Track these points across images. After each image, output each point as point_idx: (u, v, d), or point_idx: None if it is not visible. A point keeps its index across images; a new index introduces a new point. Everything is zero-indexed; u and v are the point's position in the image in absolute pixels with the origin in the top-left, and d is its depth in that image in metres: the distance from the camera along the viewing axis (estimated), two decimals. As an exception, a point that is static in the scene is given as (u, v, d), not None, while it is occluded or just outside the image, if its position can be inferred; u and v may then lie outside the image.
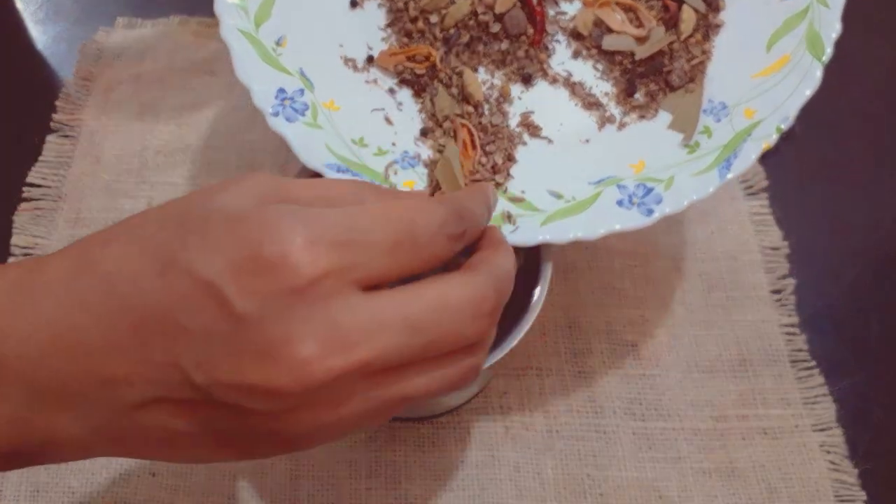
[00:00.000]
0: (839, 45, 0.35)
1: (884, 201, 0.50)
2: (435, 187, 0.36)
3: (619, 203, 0.34)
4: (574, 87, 0.39)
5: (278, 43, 0.37)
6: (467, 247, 0.27)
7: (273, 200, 0.24)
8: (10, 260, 0.47)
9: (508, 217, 0.35)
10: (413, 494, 0.40)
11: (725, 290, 0.46)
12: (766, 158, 0.51)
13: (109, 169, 0.50)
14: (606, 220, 0.33)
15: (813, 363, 0.44)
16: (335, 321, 0.22)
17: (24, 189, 0.49)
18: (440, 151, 0.37)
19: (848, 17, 0.35)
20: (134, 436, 0.24)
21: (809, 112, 0.52)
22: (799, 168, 0.51)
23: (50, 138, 0.51)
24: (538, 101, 0.39)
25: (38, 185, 0.50)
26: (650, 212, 0.33)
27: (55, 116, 0.52)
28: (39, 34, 0.58)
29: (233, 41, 0.36)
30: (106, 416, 0.24)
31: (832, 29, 0.35)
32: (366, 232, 0.23)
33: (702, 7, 0.39)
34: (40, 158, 0.51)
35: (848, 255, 0.48)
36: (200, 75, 0.55)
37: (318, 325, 0.22)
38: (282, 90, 0.36)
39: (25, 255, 0.47)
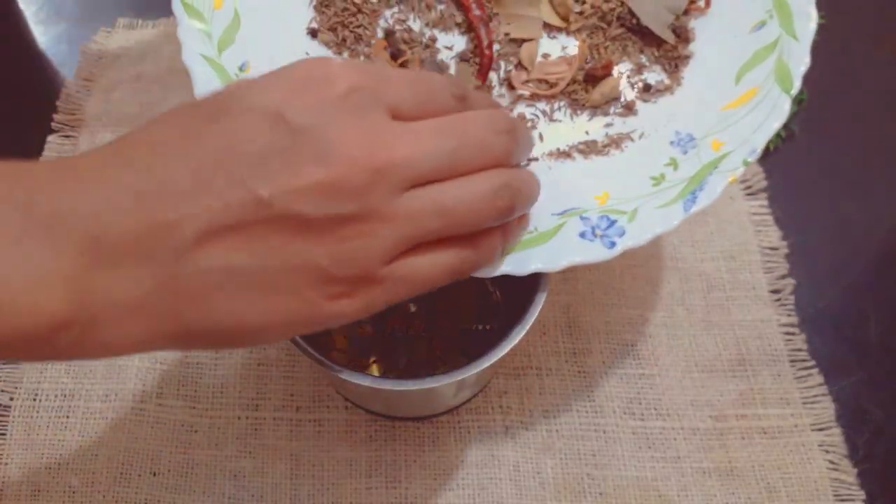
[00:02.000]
0: (838, 45, 0.35)
1: (883, 201, 0.50)
2: None
3: (582, 235, 0.33)
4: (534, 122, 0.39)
5: (241, 69, 0.36)
6: None
7: None
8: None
9: None
10: (413, 494, 0.40)
11: (725, 290, 0.46)
12: (765, 159, 0.51)
13: (110, 169, 0.50)
14: (568, 252, 0.32)
15: (812, 363, 0.44)
16: (376, 128, 0.26)
17: (25, 189, 0.49)
18: None
19: (847, 18, 0.35)
20: (192, 282, 0.24)
21: (809, 113, 0.53)
22: (798, 168, 0.51)
23: (51, 138, 0.52)
24: None
25: (39, 186, 0.50)
26: (612, 244, 0.32)
27: (56, 117, 0.52)
28: (40, 34, 0.58)
29: (195, 66, 0.35)
30: (165, 261, 0.24)
31: (801, 62, 0.35)
32: (391, 72, 0.28)
33: (671, 38, 0.39)
34: (41, 158, 0.51)
35: (847, 254, 0.48)
36: (201, 76, 0.55)
37: (363, 129, 0.25)
38: None
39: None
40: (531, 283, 0.35)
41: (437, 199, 0.26)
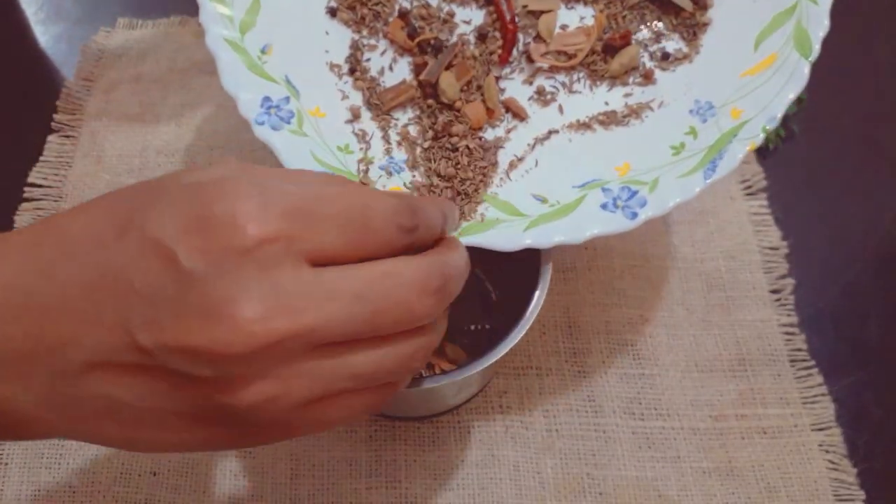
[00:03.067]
0: (838, 46, 0.35)
1: (882, 201, 0.50)
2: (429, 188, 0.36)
3: (604, 206, 0.34)
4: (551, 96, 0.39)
5: (263, 51, 0.37)
6: (419, 248, 0.27)
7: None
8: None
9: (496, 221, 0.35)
10: (413, 493, 0.40)
11: (724, 289, 0.46)
12: (765, 159, 0.51)
13: (110, 169, 0.51)
14: (590, 223, 0.33)
15: (812, 363, 0.44)
16: (282, 286, 0.22)
17: (26, 189, 0.49)
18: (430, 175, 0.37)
19: (847, 18, 0.35)
20: (77, 406, 0.23)
21: (809, 113, 0.53)
22: (798, 168, 0.51)
23: (51, 138, 0.52)
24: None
25: (40, 185, 0.50)
26: (634, 215, 0.33)
27: (56, 116, 0.52)
28: (41, 34, 0.58)
29: (219, 51, 0.36)
30: (51, 382, 0.23)
31: (820, 26, 0.34)
32: (320, 205, 0.24)
33: (689, 5, 0.38)
34: (41, 158, 0.51)
35: (847, 254, 0.48)
36: (201, 75, 0.55)
37: (264, 288, 0.22)
38: (267, 98, 0.36)
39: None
40: (530, 283, 0.35)
41: (347, 365, 0.24)
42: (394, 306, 0.24)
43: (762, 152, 0.51)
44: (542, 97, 0.39)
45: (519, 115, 0.38)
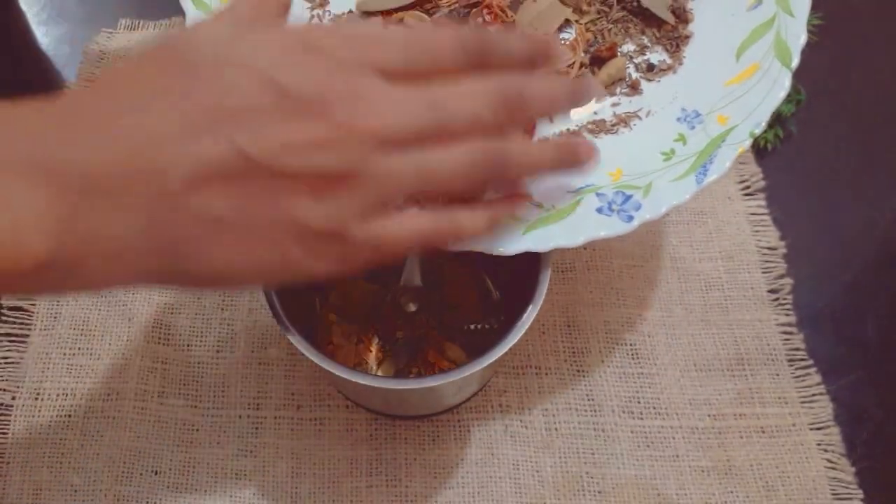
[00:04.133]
0: (836, 46, 0.35)
1: (880, 201, 0.50)
2: None
3: (599, 210, 0.34)
4: None
5: None
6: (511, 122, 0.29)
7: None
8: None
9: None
10: (413, 492, 0.40)
11: (723, 289, 0.46)
12: (763, 159, 0.51)
13: (112, 169, 0.51)
14: (587, 227, 0.34)
15: (810, 362, 0.44)
16: (364, 91, 0.26)
17: (28, 189, 0.50)
18: None
19: (847, 18, 0.36)
20: (177, 227, 0.25)
21: (806, 113, 0.53)
22: (796, 169, 0.51)
23: (53, 139, 0.52)
24: None
25: (41, 186, 0.50)
26: (630, 218, 0.33)
27: (58, 117, 0.53)
28: (42, 35, 0.58)
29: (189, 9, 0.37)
30: (151, 205, 0.24)
31: (798, 38, 0.35)
32: (382, 34, 0.27)
33: (671, 19, 0.39)
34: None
35: (845, 254, 0.48)
36: (202, 77, 0.55)
37: (351, 91, 0.25)
38: None
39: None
40: (530, 283, 0.35)
41: (417, 161, 0.26)
42: (461, 115, 0.27)
43: (760, 153, 0.52)
44: None
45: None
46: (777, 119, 0.52)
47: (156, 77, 0.26)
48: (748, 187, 0.50)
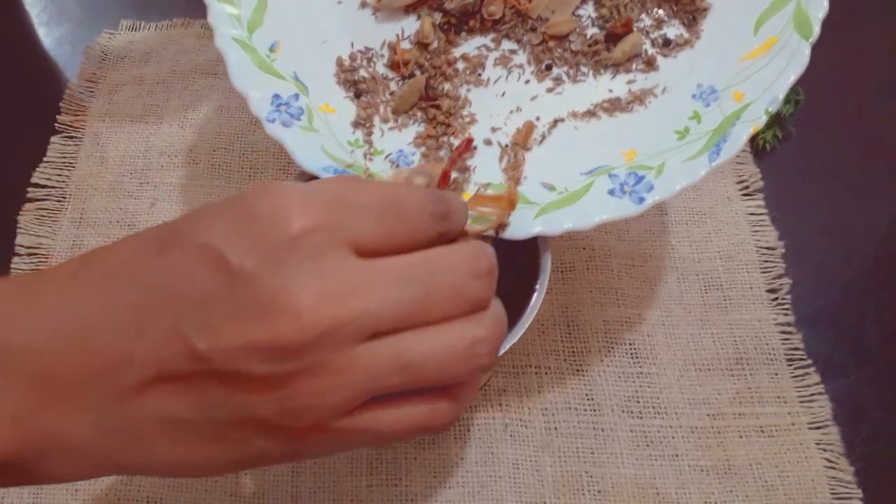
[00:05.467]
0: (835, 46, 0.35)
1: (879, 201, 0.50)
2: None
3: (611, 192, 0.34)
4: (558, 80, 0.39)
5: (272, 49, 0.38)
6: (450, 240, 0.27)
7: None
8: (15, 259, 0.47)
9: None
10: (413, 491, 0.40)
11: (722, 289, 0.46)
12: (762, 159, 0.51)
13: (113, 170, 0.51)
14: (598, 209, 0.33)
15: (809, 362, 0.44)
16: (330, 273, 0.23)
17: (29, 189, 0.50)
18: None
19: (846, 18, 0.35)
20: (132, 429, 0.23)
21: (805, 113, 0.53)
22: (795, 168, 0.51)
23: (54, 139, 0.52)
24: (525, 95, 0.39)
25: (43, 186, 0.50)
26: (641, 199, 0.33)
27: (59, 118, 0.53)
28: (44, 36, 0.58)
29: (228, 50, 0.36)
30: (106, 405, 0.23)
31: (820, 8, 0.35)
32: (355, 196, 0.24)
33: None
34: (45, 159, 0.51)
35: (844, 254, 0.48)
36: (203, 77, 0.55)
37: (313, 276, 0.22)
38: (277, 96, 0.36)
39: (30, 254, 0.48)
40: (530, 282, 0.36)
41: (399, 353, 0.23)
42: (443, 287, 0.24)
43: (759, 153, 0.52)
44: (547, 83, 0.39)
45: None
46: (776, 119, 0.52)
47: (127, 256, 0.25)
48: (747, 187, 0.50)
